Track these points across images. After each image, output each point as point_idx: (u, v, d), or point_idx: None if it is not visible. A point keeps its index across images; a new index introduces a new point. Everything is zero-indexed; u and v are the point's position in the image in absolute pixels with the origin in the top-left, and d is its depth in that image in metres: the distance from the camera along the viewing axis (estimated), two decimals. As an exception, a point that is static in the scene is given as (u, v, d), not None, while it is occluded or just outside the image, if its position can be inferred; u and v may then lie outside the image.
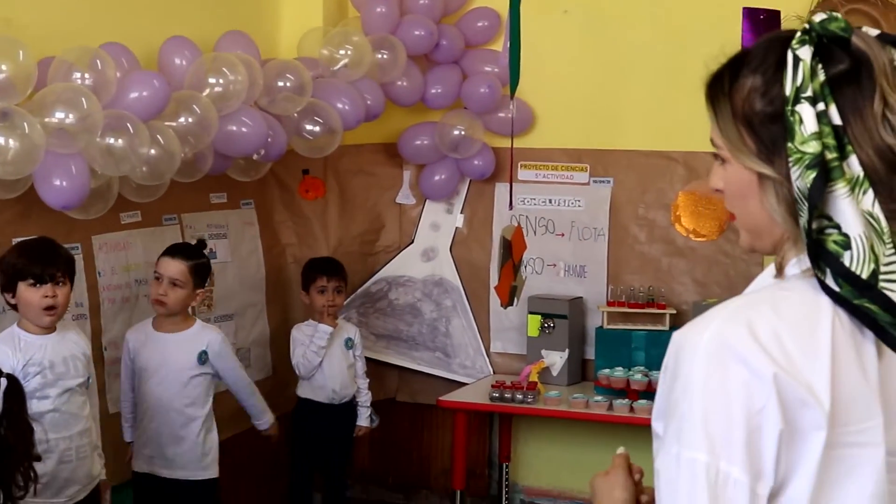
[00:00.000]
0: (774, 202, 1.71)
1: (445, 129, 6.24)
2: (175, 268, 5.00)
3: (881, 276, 1.65)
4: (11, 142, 4.14)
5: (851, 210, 1.65)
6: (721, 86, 1.76)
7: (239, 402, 5.37)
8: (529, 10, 5.73)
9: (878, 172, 1.67)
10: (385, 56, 5.92)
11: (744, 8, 4.46)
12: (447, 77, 6.32)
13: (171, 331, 5.05)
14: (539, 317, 6.18)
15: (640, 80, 6.16)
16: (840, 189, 1.65)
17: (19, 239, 4.59)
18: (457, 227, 6.57)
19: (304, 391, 5.89)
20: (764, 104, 1.71)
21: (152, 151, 4.62)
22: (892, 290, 1.66)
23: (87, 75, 4.49)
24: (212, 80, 4.99)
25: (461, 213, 6.57)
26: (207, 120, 4.88)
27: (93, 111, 4.34)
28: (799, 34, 1.69)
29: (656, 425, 1.73)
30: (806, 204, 1.65)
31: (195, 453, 5.06)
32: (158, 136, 4.66)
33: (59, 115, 4.29)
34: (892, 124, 1.67)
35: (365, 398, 5.98)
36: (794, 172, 1.66)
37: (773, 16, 4.50)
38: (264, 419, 5.44)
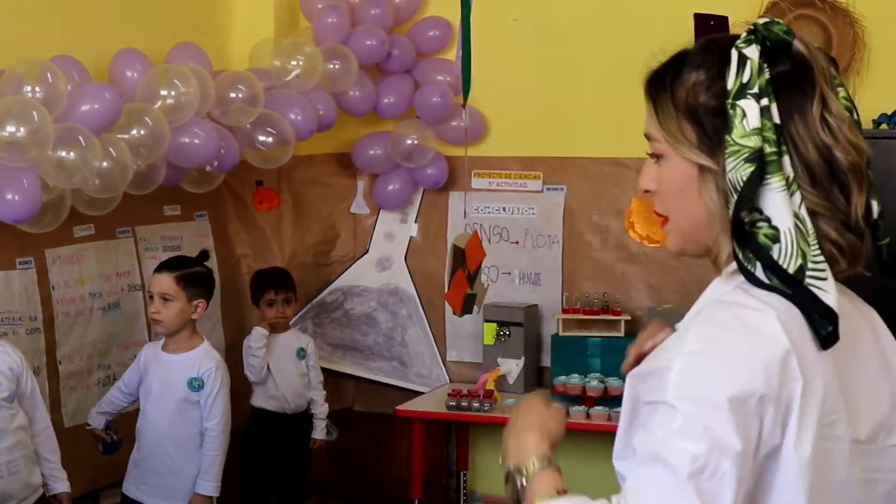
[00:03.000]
0: (714, 194, 1.74)
1: (398, 139, 6.24)
2: (163, 282, 4.96)
3: (808, 273, 1.69)
4: (-38, 156, 4.10)
5: (783, 204, 1.69)
6: (662, 81, 1.80)
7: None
8: (480, 18, 5.74)
9: (817, 170, 1.72)
10: (337, 66, 5.91)
11: (694, 14, 4.49)
12: (399, 86, 6.32)
13: (173, 351, 5.01)
14: (495, 325, 6.18)
15: (591, 88, 6.18)
16: (775, 183, 1.69)
17: None
18: (411, 237, 6.57)
19: (257, 400, 5.87)
20: (708, 97, 1.75)
21: (104, 164, 4.60)
22: (818, 288, 1.69)
23: (37, 88, 4.46)
24: (163, 92, 4.96)
25: (415, 222, 6.57)
26: (160, 132, 4.85)
27: (44, 124, 4.31)
28: (745, 34, 1.74)
29: (620, 465, 1.75)
30: (735, 196, 1.68)
31: (187, 486, 4.99)
32: (111, 149, 4.63)
33: (10, 128, 4.25)
34: (830, 125, 1.73)
35: (321, 410, 5.94)
36: (729, 164, 1.69)
37: (722, 21, 4.54)
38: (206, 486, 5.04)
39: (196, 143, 5.12)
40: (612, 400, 5.68)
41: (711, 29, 4.49)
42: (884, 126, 5.42)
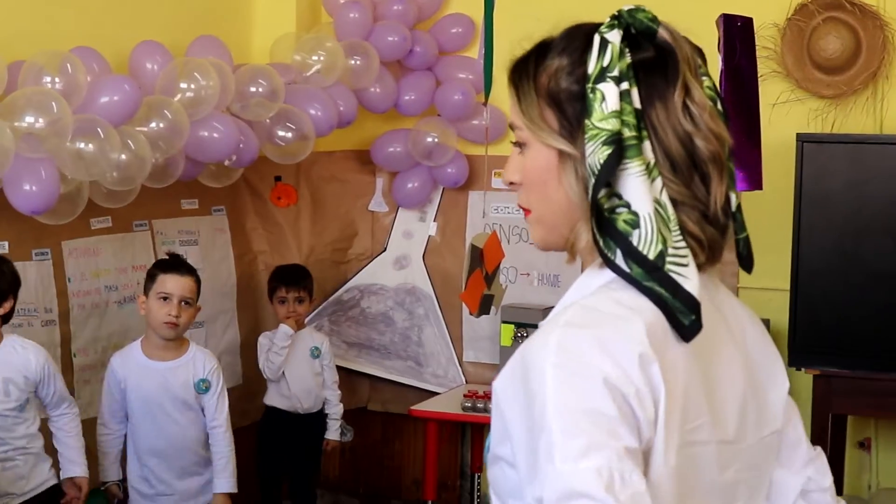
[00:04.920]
0: (573, 180, 1.70)
1: (419, 137, 6.20)
2: (187, 286, 4.85)
3: (668, 259, 1.64)
4: (-20, 146, 4.08)
5: (643, 189, 1.65)
6: (526, 68, 1.78)
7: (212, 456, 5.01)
8: (503, 16, 5.70)
9: (678, 158, 1.69)
10: (358, 62, 5.88)
11: (722, 15, 4.45)
12: (421, 84, 6.28)
13: (163, 358, 4.87)
14: (512, 326, 6.14)
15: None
16: (634, 168, 1.65)
17: None
18: (430, 236, 6.54)
19: (270, 399, 5.83)
20: (569, 82, 1.72)
21: (123, 157, 4.58)
22: (679, 274, 1.65)
23: (57, 79, 4.46)
24: (183, 86, 4.95)
25: (434, 221, 6.53)
26: (179, 125, 4.83)
27: (63, 115, 4.30)
28: (608, 20, 1.72)
29: (501, 450, 1.68)
30: (593, 179, 1.65)
31: (202, 488, 4.97)
32: (129, 142, 4.61)
33: (29, 119, 4.25)
34: (692, 112, 1.70)
35: (335, 410, 5.89)
36: (589, 148, 1.66)
37: (748, 23, 4.52)
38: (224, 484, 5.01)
39: (215, 138, 5.10)
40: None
41: (738, 30, 4.46)
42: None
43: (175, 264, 4.92)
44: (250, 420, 6.00)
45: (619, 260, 1.66)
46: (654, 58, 1.71)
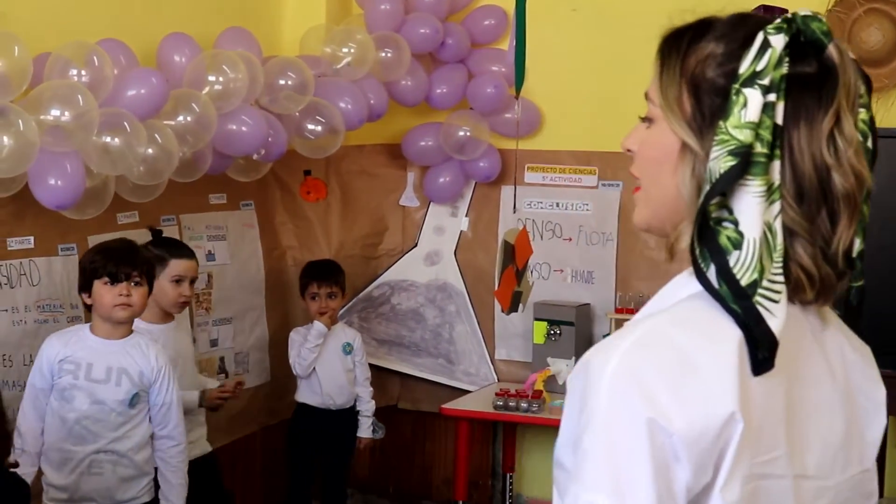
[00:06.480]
0: (688, 176, 1.59)
1: (450, 130, 6.12)
2: (195, 267, 4.92)
3: (760, 290, 1.53)
4: (5, 139, 4.03)
5: (757, 211, 1.53)
6: (679, 43, 1.66)
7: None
8: (537, 7, 5.62)
9: (808, 188, 1.57)
10: (389, 54, 5.80)
11: (762, 6, 4.35)
12: (452, 76, 6.20)
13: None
14: (545, 323, 6.05)
15: (650, 80, 6.02)
16: (755, 186, 1.53)
17: (13, 239, 4.57)
18: (461, 231, 6.46)
19: (302, 395, 5.77)
20: (716, 74, 1.60)
21: (150, 151, 4.53)
22: (766, 309, 1.53)
23: (83, 72, 4.40)
24: (211, 78, 4.89)
25: (466, 216, 6.45)
26: (207, 118, 4.78)
27: (89, 109, 4.24)
28: (779, 20, 1.58)
29: (563, 456, 1.57)
30: (709, 184, 1.54)
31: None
32: (156, 135, 4.56)
33: (55, 112, 4.19)
34: (837, 144, 1.58)
35: (367, 407, 5.84)
36: (714, 151, 1.55)
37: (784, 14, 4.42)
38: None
39: (244, 131, 5.05)
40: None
41: (776, 22, 4.37)
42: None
43: (183, 246, 4.96)
44: (279, 418, 5.95)
45: (712, 274, 1.55)
46: (813, 74, 1.58)
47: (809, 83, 1.58)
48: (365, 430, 5.83)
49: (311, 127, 5.46)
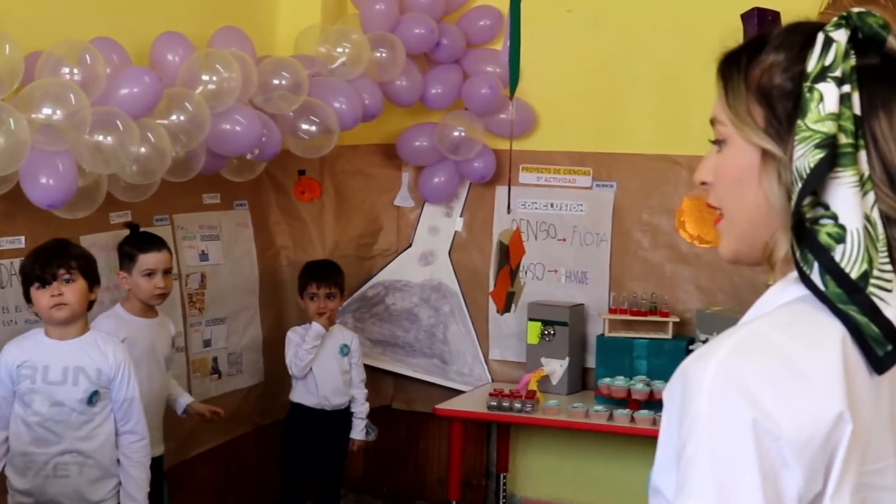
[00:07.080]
0: (775, 184, 1.58)
1: (445, 131, 6.11)
2: (166, 258, 4.89)
3: (872, 281, 1.51)
4: (-4, 138, 4.01)
5: (854, 202, 1.51)
6: (738, 61, 1.65)
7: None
8: (531, 8, 5.62)
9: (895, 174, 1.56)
10: (384, 54, 5.80)
11: (755, 8, 4.36)
12: (447, 77, 6.20)
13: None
14: (539, 324, 6.05)
15: (644, 82, 6.04)
16: (846, 177, 1.52)
17: (4, 238, 4.56)
18: (456, 231, 6.45)
19: (297, 396, 5.76)
20: (784, 79, 1.59)
21: (142, 150, 4.51)
22: (880, 299, 1.51)
23: (75, 70, 4.38)
24: (205, 77, 4.88)
25: (461, 216, 6.44)
26: (200, 118, 4.76)
27: (81, 107, 4.22)
28: (836, 19, 1.58)
29: (661, 482, 1.55)
30: (800, 184, 1.52)
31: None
32: (149, 134, 4.55)
33: (47, 110, 4.17)
34: None
35: (361, 409, 5.81)
36: (798, 151, 1.53)
37: (777, 17, 4.46)
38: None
39: (237, 131, 5.03)
40: (658, 403, 5.52)
41: (770, 24, 4.39)
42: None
43: (154, 240, 4.92)
44: (272, 418, 5.94)
45: (815, 276, 1.53)
46: (879, 65, 1.58)
47: (878, 74, 1.58)
48: (358, 431, 5.81)
49: (305, 127, 5.45)
